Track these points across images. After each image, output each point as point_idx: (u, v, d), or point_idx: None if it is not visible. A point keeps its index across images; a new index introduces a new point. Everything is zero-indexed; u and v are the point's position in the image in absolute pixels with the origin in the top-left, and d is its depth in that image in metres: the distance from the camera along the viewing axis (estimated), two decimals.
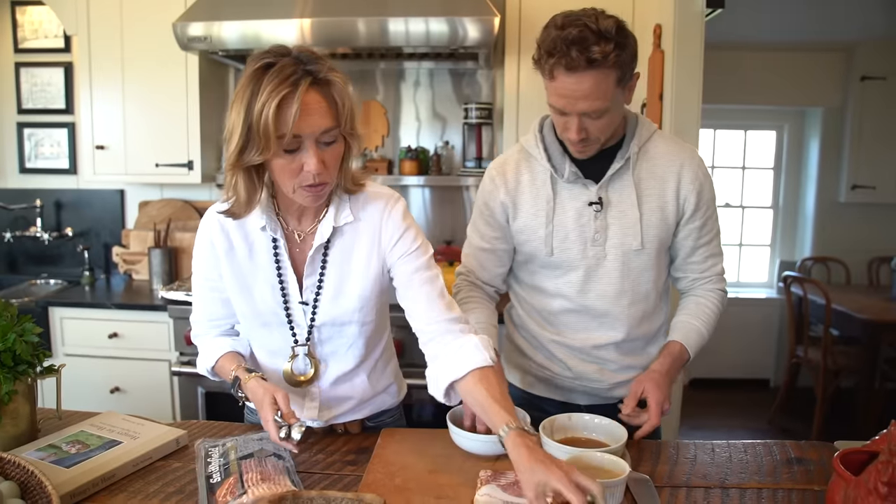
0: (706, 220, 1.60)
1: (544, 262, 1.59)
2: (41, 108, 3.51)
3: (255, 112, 1.16)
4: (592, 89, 1.37)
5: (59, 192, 3.56)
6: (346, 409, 1.53)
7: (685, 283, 1.68)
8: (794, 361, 4.46)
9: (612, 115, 1.44)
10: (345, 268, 1.41)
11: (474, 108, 3.10)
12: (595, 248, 1.55)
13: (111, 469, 1.29)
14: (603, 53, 1.33)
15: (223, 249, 1.42)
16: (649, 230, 1.55)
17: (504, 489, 1.22)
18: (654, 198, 1.55)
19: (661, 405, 1.45)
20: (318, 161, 1.23)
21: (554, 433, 1.42)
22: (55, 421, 1.53)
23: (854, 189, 4.80)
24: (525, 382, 1.74)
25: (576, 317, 1.61)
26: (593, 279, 1.58)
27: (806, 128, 5.13)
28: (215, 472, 1.27)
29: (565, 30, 1.36)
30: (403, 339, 2.70)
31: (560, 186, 1.56)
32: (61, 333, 2.96)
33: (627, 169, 1.54)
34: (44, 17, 3.43)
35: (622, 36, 1.36)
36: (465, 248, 1.73)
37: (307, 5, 2.68)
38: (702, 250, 1.62)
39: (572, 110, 1.41)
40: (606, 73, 1.36)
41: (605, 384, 1.65)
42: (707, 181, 1.58)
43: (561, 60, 1.36)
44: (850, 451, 1.14)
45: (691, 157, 1.57)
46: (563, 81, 1.39)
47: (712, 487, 1.30)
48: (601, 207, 1.54)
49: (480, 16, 2.56)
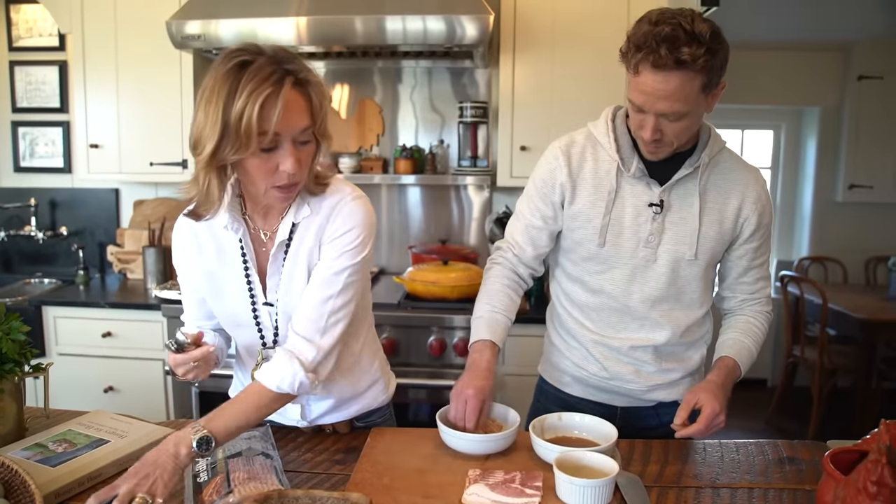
0: (762, 243, 1.58)
1: (591, 253, 1.56)
2: (35, 106, 3.50)
3: (234, 110, 1.14)
4: (675, 90, 1.33)
5: (54, 191, 3.55)
6: (328, 409, 1.51)
7: (733, 303, 1.65)
8: (791, 361, 4.46)
9: (691, 119, 1.41)
10: (298, 264, 1.38)
11: (469, 107, 3.09)
12: (647, 249, 1.53)
13: (97, 468, 1.29)
14: (692, 56, 1.30)
15: (194, 252, 1.41)
16: (705, 242, 1.52)
17: (492, 488, 1.21)
18: (715, 211, 1.53)
19: (714, 417, 1.39)
20: (295, 160, 1.22)
21: (544, 432, 1.42)
22: (43, 420, 1.52)
23: (851, 189, 4.80)
24: (562, 382, 1.72)
25: (617, 316, 1.59)
26: (638, 280, 1.55)
27: (803, 127, 5.13)
28: (202, 471, 1.26)
29: (658, 26, 1.32)
30: (398, 339, 2.69)
31: (624, 180, 1.53)
32: (55, 332, 2.95)
33: (695, 177, 1.51)
34: (38, 16, 3.42)
35: (715, 42, 1.33)
36: (513, 223, 1.68)
37: (303, 3, 2.67)
38: (754, 272, 1.61)
39: (651, 109, 1.38)
40: (693, 76, 1.33)
41: (642, 386, 1.61)
42: (768, 205, 1.56)
43: (648, 56, 1.32)
44: (841, 451, 1.14)
45: (756, 178, 1.56)
46: (647, 78, 1.35)
47: (703, 487, 1.29)
48: (661, 210, 1.51)
49: (476, 14, 2.56)
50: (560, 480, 1.19)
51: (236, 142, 1.16)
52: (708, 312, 1.66)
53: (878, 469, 0.97)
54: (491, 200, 3.34)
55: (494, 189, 3.27)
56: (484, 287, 1.65)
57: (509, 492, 1.20)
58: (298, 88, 1.20)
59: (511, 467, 1.31)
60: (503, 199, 3.31)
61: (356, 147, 3.37)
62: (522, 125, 2.92)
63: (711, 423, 1.39)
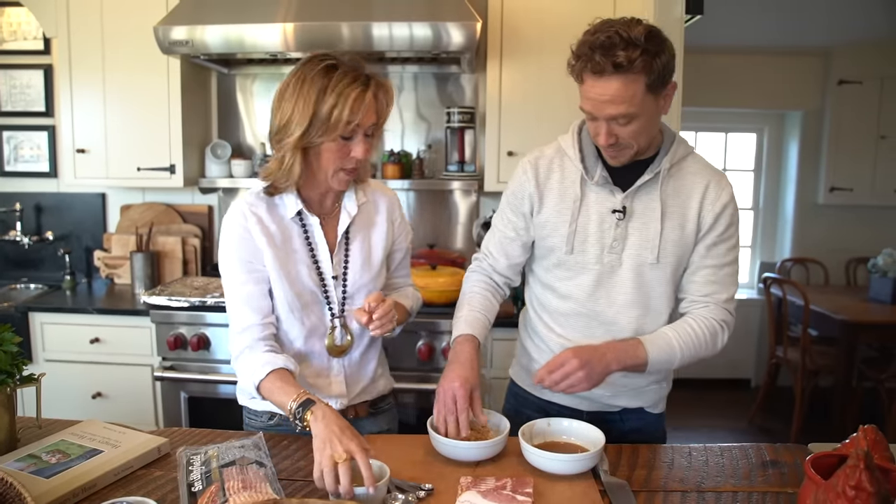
0: (718, 243, 1.56)
1: (561, 260, 1.60)
2: (21, 110, 3.48)
3: (326, 103, 1.40)
4: (618, 94, 1.38)
5: (40, 196, 3.53)
6: (362, 388, 1.69)
7: (683, 305, 1.63)
8: (774, 361, 4.52)
9: (643, 121, 1.44)
10: (365, 242, 1.65)
11: (456, 112, 3.11)
12: (611, 255, 1.56)
13: (92, 479, 1.29)
14: (628, 58, 1.34)
15: (260, 235, 1.54)
16: (667, 246, 1.55)
17: (484, 496, 1.23)
18: (676, 216, 1.55)
19: (562, 364, 1.43)
20: (364, 149, 1.48)
21: (533, 438, 1.44)
22: (35, 430, 1.52)
23: (832, 191, 4.88)
24: (530, 384, 1.75)
25: (584, 321, 1.62)
26: (605, 285, 1.58)
27: (785, 131, 5.20)
28: (197, 481, 1.27)
29: (595, 35, 1.38)
30: (386, 343, 2.70)
31: (588, 188, 1.57)
32: (42, 339, 2.94)
33: (656, 183, 1.54)
34: (22, 19, 3.40)
35: (652, 43, 1.36)
36: (490, 235, 1.75)
37: (290, 9, 2.68)
38: (705, 272, 1.58)
39: (600, 114, 1.42)
40: (633, 77, 1.36)
41: (608, 391, 1.63)
42: (730, 206, 1.57)
43: (587, 64, 1.38)
44: (822, 455, 1.17)
45: (719, 180, 1.57)
46: (590, 85, 1.41)
47: (689, 491, 1.32)
48: (623, 216, 1.55)
49: (463, 20, 2.58)
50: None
51: (322, 128, 1.42)
52: (674, 320, 1.66)
53: (856, 474, 1.00)
54: (478, 205, 3.37)
55: (482, 194, 3.30)
56: (463, 293, 1.73)
57: (501, 498, 1.22)
58: (376, 90, 1.48)
59: (502, 474, 1.34)
60: (490, 203, 3.33)
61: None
62: (509, 130, 2.95)
63: (559, 369, 1.43)
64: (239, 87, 3.42)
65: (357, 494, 1.16)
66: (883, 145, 4.80)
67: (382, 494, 1.20)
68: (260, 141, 3.41)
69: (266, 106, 3.41)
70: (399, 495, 1.23)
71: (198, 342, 2.73)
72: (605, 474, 1.35)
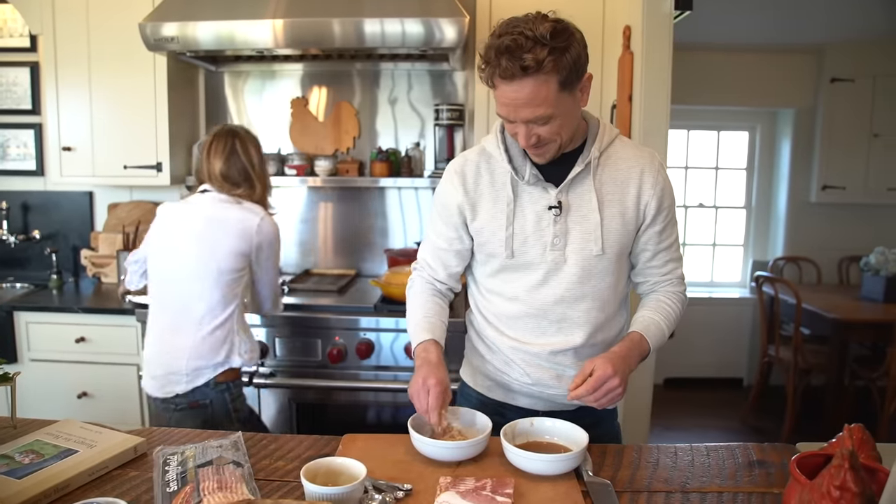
0: (666, 225, 1.59)
1: (504, 265, 1.58)
2: (7, 108, 3.45)
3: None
4: (531, 96, 1.34)
5: (26, 194, 3.50)
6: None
7: (645, 287, 1.67)
8: (767, 360, 4.51)
9: (562, 119, 1.41)
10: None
11: (445, 110, 3.09)
12: (554, 252, 1.54)
13: (65, 479, 1.27)
14: (536, 60, 1.30)
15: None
16: (610, 235, 1.53)
17: (463, 496, 1.21)
18: (615, 203, 1.54)
19: (605, 379, 1.39)
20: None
21: (515, 438, 1.42)
22: (10, 430, 1.50)
23: (824, 189, 4.86)
24: (484, 387, 1.73)
25: (534, 321, 1.60)
26: (551, 283, 1.56)
27: (777, 129, 5.19)
28: (172, 481, 1.25)
29: (500, 38, 1.33)
30: (374, 342, 2.69)
31: (521, 189, 1.55)
32: (27, 338, 2.91)
33: (588, 174, 1.53)
34: (8, 16, 3.37)
35: (560, 40, 1.32)
36: (423, 246, 1.73)
37: (280, 5, 2.65)
38: (662, 255, 1.61)
39: (516, 118, 1.40)
40: (545, 78, 1.33)
41: (564, 391, 1.60)
42: (668, 187, 1.58)
43: (495, 70, 1.35)
44: (808, 455, 1.15)
45: (651, 161, 1.56)
46: (502, 90, 1.37)
47: (673, 492, 1.30)
48: (560, 212, 1.52)
49: (452, 17, 2.56)
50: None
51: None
52: (623, 307, 1.67)
53: (840, 474, 0.99)
54: None
55: None
56: (410, 300, 1.69)
57: (480, 499, 1.20)
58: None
59: (482, 474, 1.32)
60: None
61: (332, 150, 3.36)
62: None
63: (601, 386, 1.39)
64: (227, 84, 3.39)
65: (331, 494, 1.14)
66: (875, 143, 4.79)
67: (358, 495, 1.18)
68: None
69: (256, 103, 3.39)
70: (376, 495, 1.21)
71: None
72: (588, 474, 1.33)
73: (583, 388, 1.40)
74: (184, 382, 2.14)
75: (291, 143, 3.39)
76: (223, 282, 2.15)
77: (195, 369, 2.14)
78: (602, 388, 1.40)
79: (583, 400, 1.42)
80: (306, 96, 3.37)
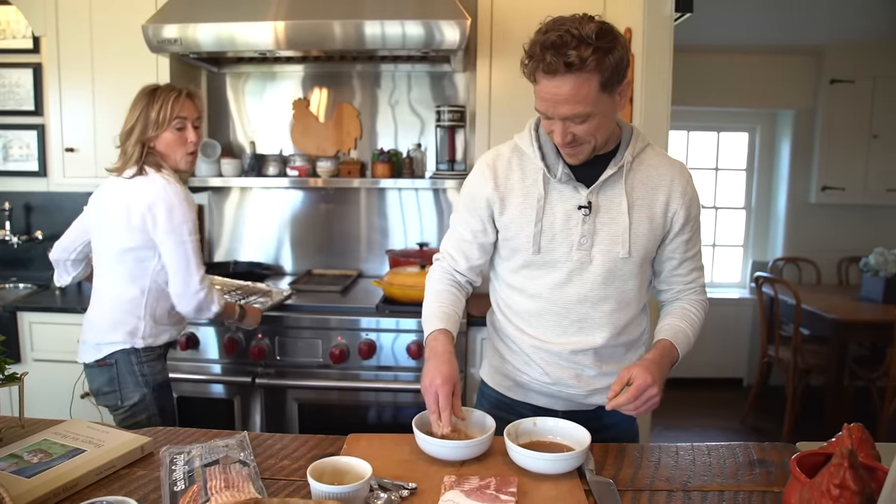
0: (692, 235, 1.63)
1: (528, 261, 1.59)
2: (10, 109, 3.46)
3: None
4: (572, 93, 1.36)
5: (29, 195, 3.51)
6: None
7: (669, 295, 1.69)
8: (766, 361, 4.53)
9: (599, 120, 1.43)
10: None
11: (447, 111, 3.11)
12: (580, 252, 1.55)
13: (74, 478, 1.28)
14: (580, 57, 1.32)
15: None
16: (637, 239, 1.55)
17: (468, 495, 1.22)
18: (644, 208, 1.55)
19: (645, 388, 1.40)
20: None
21: (519, 437, 1.44)
22: (18, 429, 1.51)
23: (824, 190, 4.88)
24: (504, 387, 1.74)
25: (555, 319, 1.61)
26: (575, 282, 1.57)
27: (777, 130, 5.21)
28: (179, 480, 1.26)
29: (546, 34, 1.36)
30: (376, 342, 2.70)
31: (551, 186, 1.56)
32: (30, 338, 2.92)
33: (620, 177, 1.54)
34: (11, 18, 3.38)
35: (605, 41, 1.34)
36: (448, 236, 1.73)
37: (281, 8, 2.66)
38: (688, 263, 1.65)
39: (554, 114, 1.41)
40: (587, 77, 1.35)
41: (583, 390, 1.63)
42: (696, 197, 1.61)
43: (539, 64, 1.36)
44: (808, 454, 1.17)
45: (681, 172, 1.59)
46: (543, 85, 1.39)
47: (675, 490, 1.31)
48: (590, 212, 1.54)
49: (453, 18, 2.57)
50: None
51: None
52: (644, 310, 1.69)
53: (840, 472, 1.00)
54: None
55: None
56: (427, 289, 1.70)
57: (484, 497, 1.21)
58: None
59: (486, 473, 1.33)
60: None
61: (334, 151, 3.37)
62: (499, 129, 2.93)
63: (641, 394, 1.40)
64: (229, 85, 3.40)
65: (338, 493, 1.15)
66: (875, 144, 4.81)
67: (364, 494, 1.19)
68: (250, 140, 3.39)
69: (258, 104, 3.40)
70: (382, 494, 1.22)
71: (186, 342, 2.72)
72: (590, 473, 1.34)
73: (623, 398, 1.41)
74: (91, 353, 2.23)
75: (293, 145, 3.40)
76: (125, 259, 2.18)
77: (97, 343, 2.21)
78: (642, 396, 1.41)
79: (622, 409, 1.42)
80: (308, 98, 3.39)
